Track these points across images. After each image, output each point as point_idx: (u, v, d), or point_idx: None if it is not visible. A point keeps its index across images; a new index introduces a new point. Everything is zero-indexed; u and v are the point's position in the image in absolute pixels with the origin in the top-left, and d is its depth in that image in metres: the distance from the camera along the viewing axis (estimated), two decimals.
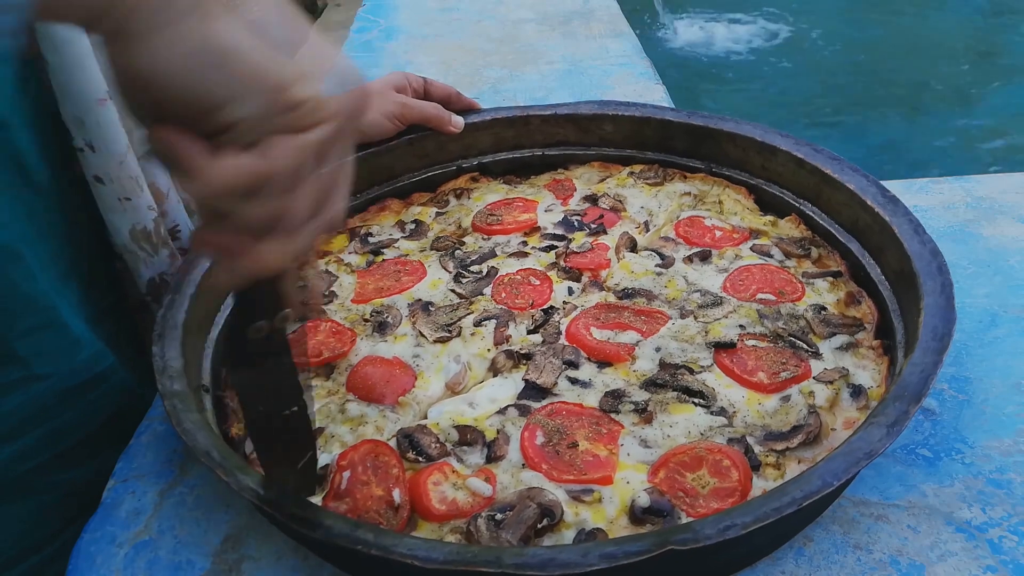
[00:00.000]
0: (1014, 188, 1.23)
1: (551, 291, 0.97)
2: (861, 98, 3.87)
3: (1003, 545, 0.71)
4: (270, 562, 0.72)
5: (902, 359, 0.79)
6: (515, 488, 0.73)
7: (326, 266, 1.02)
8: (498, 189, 1.17)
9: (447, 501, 0.72)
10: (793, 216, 1.05)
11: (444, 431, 0.79)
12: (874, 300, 0.91)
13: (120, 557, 0.72)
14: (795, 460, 0.75)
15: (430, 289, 0.98)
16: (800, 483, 0.63)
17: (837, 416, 0.79)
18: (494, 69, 1.80)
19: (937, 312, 0.77)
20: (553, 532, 0.69)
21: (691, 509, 0.70)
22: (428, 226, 1.10)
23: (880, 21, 4.55)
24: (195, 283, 0.88)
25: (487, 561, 0.58)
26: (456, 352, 0.88)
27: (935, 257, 0.84)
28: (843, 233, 0.99)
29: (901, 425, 0.66)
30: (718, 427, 0.78)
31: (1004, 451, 0.80)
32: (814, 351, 0.86)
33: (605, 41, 1.94)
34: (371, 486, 0.73)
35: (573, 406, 0.81)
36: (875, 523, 0.73)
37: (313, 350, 0.89)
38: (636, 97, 1.63)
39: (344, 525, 0.62)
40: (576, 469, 0.75)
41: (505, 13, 2.15)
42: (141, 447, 0.84)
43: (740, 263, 0.99)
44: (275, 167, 0.49)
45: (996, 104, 3.79)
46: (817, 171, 1.00)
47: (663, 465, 0.75)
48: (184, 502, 0.77)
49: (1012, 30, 4.46)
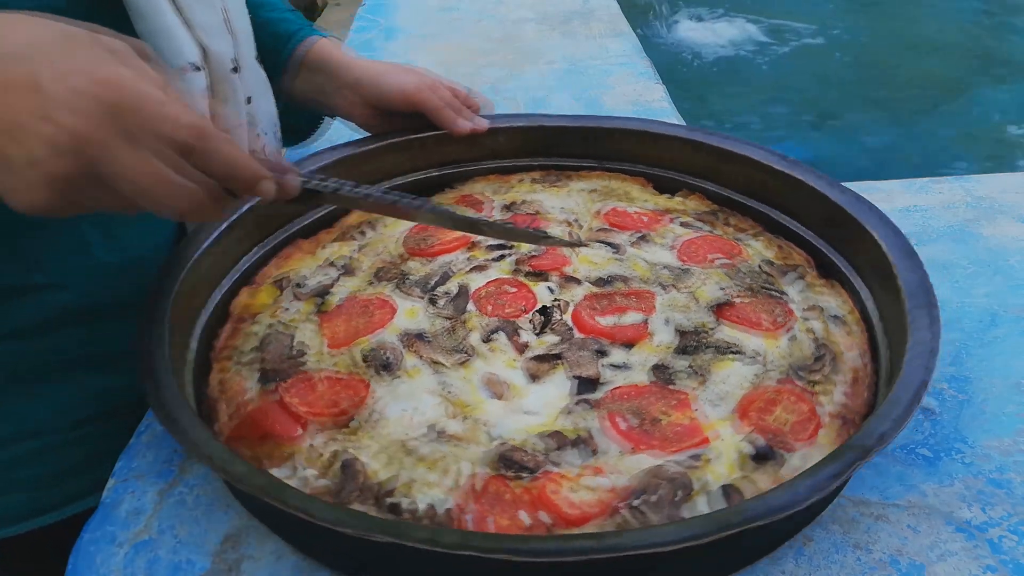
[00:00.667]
0: (1014, 188, 1.23)
1: (533, 294, 0.96)
2: (861, 98, 3.88)
3: (1003, 545, 0.71)
4: (270, 562, 0.72)
5: (863, 286, 0.95)
6: (628, 475, 0.73)
7: (269, 325, 0.92)
8: None
9: (575, 504, 0.70)
10: (697, 194, 1.15)
11: (527, 443, 0.77)
12: (802, 247, 1.04)
13: (120, 557, 0.72)
14: (832, 384, 0.82)
15: (410, 319, 0.93)
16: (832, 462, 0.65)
17: (838, 342, 0.88)
18: (494, 69, 1.80)
19: (880, 226, 0.93)
20: (687, 502, 0.70)
21: (785, 445, 0.75)
22: (356, 260, 1.03)
23: (880, 21, 4.56)
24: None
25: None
26: (482, 371, 0.85)
27: (844, 192, 0.99)
28: (748, 199, 1.11)
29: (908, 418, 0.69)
30: (761, 372, 0.84)
31: (1004, 451, 0.80)
32: (786, 295, 0.95)
33: (605, 41, 1.94)
34: (496, 518, 0.69)
35: (629, 388, 0.82)
36: (875, 523, 0.73)
37: (327, 403, 0.81)
38: (636, 97, 1.64)
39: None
40: (673, 440, 0.76)
41: (505, 13, 2.15)
42: (141, 447, 0.84)
43: (681, 238, 1.06)
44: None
45: (996, 104, 3.79)
46: (714, 150, 1.12)
47: (743, 415, 0.79)
48: (184, 502, 0.77)
49: (1012, 30, 4.46)
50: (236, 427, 0.78)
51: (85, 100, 0.51)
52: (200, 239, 0.92)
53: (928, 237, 1.12)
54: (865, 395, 0.82)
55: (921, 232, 1.13)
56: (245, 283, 0.99)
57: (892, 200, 1.17)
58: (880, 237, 0.91)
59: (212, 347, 0.89)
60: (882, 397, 0.78)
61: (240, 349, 0.88)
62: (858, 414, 0.80)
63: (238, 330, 0.91)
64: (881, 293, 0.91)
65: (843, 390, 0.82)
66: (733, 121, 3.66)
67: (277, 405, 0.80)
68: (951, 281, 1.03)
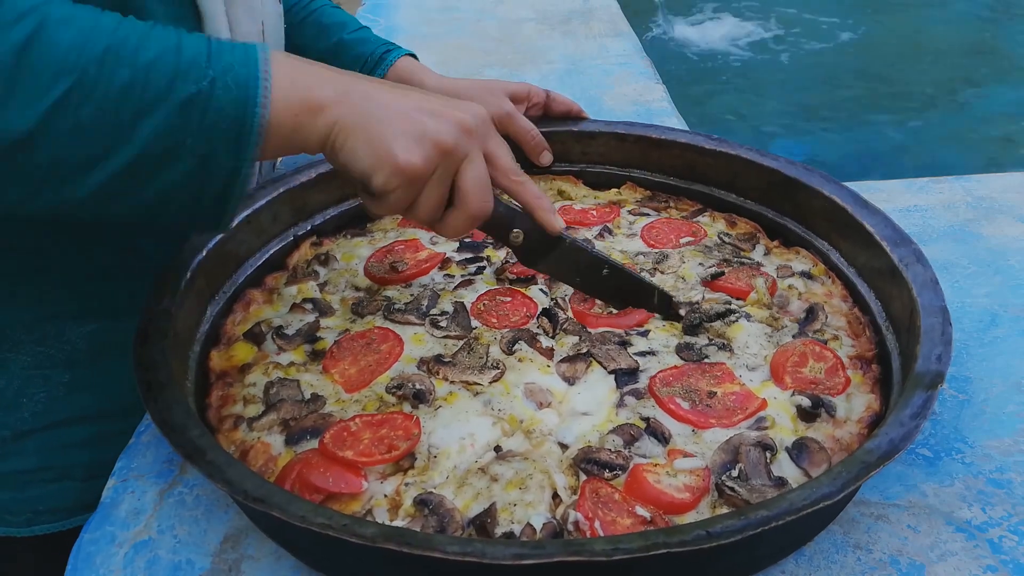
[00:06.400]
0: (1014, 188, 1.23)
1: (530, 298, 0.96)
2: (861, 98, 3.88)
3: (1003, 545, 0.71)
4: (270, 562, 0.72)
5: (819, 239, 1.03)
6: (710, 451, 0.75)
7: (267, 378, 0.86)
8: (359, 244, 1.09)
9: (681, 488, 0.71)
10: (628, 183, 1.20)
11: (604, 442, 0.77)
12: (746, 216, 1.11)
13: (120, 557, 0.72)
14: (835, 331, 0.90)
15: (419, 345, 0.89)
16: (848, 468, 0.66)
17: (817, 292, 0.96)
18: (494, 69, 1.80)
19: (825, 183, 1.01)
20: (774, 461, 0.74)
21: (829, 390, 0.82)
22: (326, 299, 0.99)
23: (880, 21, 4.55)
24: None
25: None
26: (520, 383, 0.84)
27: (777, 160, 1.07)
28: (681, 180, 1.17)
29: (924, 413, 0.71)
30: (775, 331, 0.90)
31: (1004, 451, 0.80)
32: (757, 263, 1.02)
33: (605, 41, 1.94)
34: (616, 521, 0.69)
35: (670, 370, 0.84)
36: (875, 523, 0.73)
37: (381, 449, 0.75)
38: (636, 96, 1.64)
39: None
40: (734, 409, 0.79)
41: (505, 13, 2.15)
42: (141, 447, 0.84)
43: (638, 225, 1.11)
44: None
45: (996, 103, 3.79)
46: (642, 139, 1.17)
47: (782, 373, 0.83)
48: (184, 502, 0.77)
49: (1012, 30, 4.46)
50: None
51: (477, 116, 0.75)
52: (164, 302, 0.85)
53: (928, 237, 1.12)
54: (865, 335, 0.89)
55: (921, 232, 1.13)
56: (211, 345, 0.91)
57: (892, 200, 1.17)
58: (829, 192, 0.99)
59: (203, 416, 0.82)
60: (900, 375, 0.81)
61: (242, 415, 0.82)
62: (869, 355, 0.86)
63: (229, 396, 0.84)
64: (843, 242, 0.98)
65: (846, 335, 0.89)
66: (733, 120, 3.66)
67: (325, 461, 0.74)
68: (951, 281, 1.03)
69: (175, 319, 0.83)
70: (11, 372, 0.91)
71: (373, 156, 0.70)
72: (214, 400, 0.84)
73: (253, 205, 1.01)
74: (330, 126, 0.69)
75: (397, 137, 0.70)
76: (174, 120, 0.62)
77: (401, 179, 0.71)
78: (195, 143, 0.64)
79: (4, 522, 0.95)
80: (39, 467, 0.94)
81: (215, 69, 0.63)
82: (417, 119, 0.71)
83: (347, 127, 0.69)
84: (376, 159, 0.70)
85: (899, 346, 0.84)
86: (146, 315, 0.82)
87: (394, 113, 0.71)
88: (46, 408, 0.93)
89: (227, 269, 0.98)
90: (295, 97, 0.68)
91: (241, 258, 1.01)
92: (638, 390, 0.82)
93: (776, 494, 0.68)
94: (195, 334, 0.90)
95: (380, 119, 0.70)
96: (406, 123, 0.70)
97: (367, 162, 0.70)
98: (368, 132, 0.70)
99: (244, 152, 0.65)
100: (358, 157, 0.70)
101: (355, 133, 0.70)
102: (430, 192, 0.74)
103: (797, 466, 0.73)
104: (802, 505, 0.60)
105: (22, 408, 0.92)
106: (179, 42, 0.64)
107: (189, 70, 0.63)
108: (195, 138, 0.63)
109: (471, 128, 0.74)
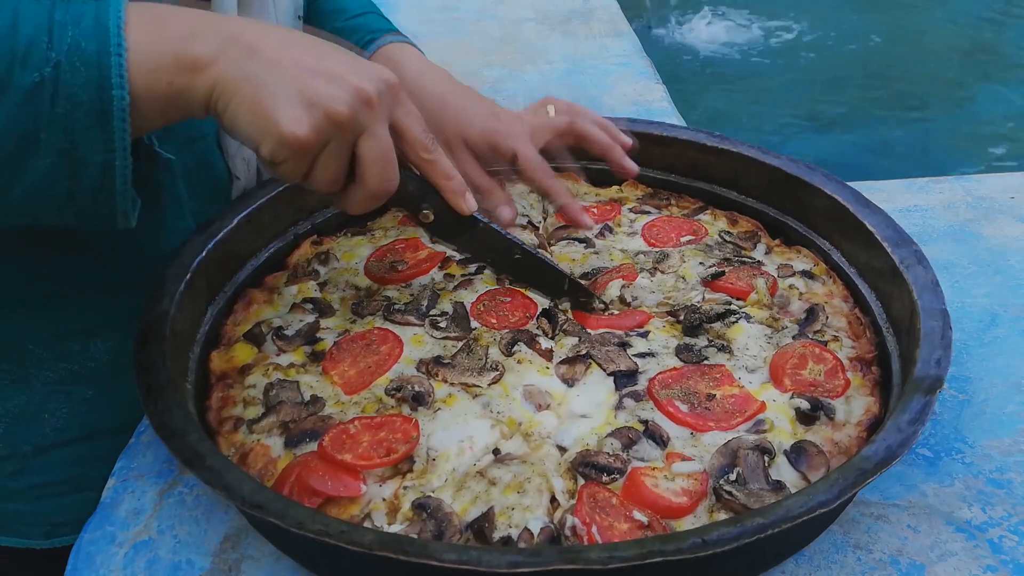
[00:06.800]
0: (1014, 188, 1.23)
1: (529, 298, 0.96)
2: (861, 98, 3.88)
3: (1003, 545, 0.71)
4: (270, 562, 0.72)
5: (821, 239, 1.03)
6: (708, 454, 0.75)
7: (267, 379, 0.85)
8: (360, 242, 1.08)
9: (679, 493, 0.71)
10: (630, 180, 1.18)
11: (602, 445, 0.77)
12: (747, 214, 1.10)
13: (120, 557, 0.72)
14: (835, 332, 0.90)
15: (419, 347, 0.89)
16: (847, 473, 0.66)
17: (818, 292, 0.96)
18: (494, 69, 1.80)
19: (827, 183, 1.01)
20: (771, 466, 0.74)
21: (828, 393, 0.81)
22: (326, 299, 0.98)
23: (880, 21, 4.55)
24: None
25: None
26: (519, 385, 0.84)
27: (779, 157, 1.07)
28: (683, 177, 1.17)
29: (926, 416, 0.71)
30: (775, 332, 0.90)
31: (1004, 451, 0.80)
32: (758, 262, 1.02)
33: (605, 41, 1.94)
34: (613, 525, 0.69)
35: (670, 372, 0.84)
36: (875, 523, 0.73)
37: (380, 452, 0.74)
38: (636, 96, 1.64)
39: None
40: (733, 412, 0.79)
41: (505, 13, 2.15)
42: (141, 447, 0.84)
43: (639, 223, 1.10)
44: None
45: (996, 103, 3.79)
46: (644, 136, 1.13)
47: (781, 376, 0.82)
48: (184, 502, 0.77)
49: (1012, 30, 4.45)
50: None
51: (382, 82, 0.67)
52: (164, 304, 0.84)
53: (928, 237, 1.12)
54: (866, 336, 0.88)
55: (921, 232, 1.12)
56: (212, 346, 0.91)
57: (892, 200, 1.17)
58: (830, 191, 0.98)
59: (203, 417, 0.82)
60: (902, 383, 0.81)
61: (242, 417, 0.81)
62: (869, 357, 0.85)
63: (229, 397, 0.84)
64: (844, 242, 0.98)
65: (847, 336, 0.89)
66: (733, 120, 3.66)
67: (323, 464, 0.74)
68: (951, 281, 1.03)
69: (175, 320, 0.83)
70: (33, 388, 0.89)
71: (256, 124, 0.62)
72: (214, 402, 0.83)
73: (253, 203, 1.00)
74: (209, 88, 0.61)
75: (283, 103, 0.61)
76: (17, 112, 0.55)
77: (288, 151, 0.63)
78: (50, 136, 0.56)
79: (23, 534, 0.94)
80: (58, 480, 0.92)
81: (57, 50, 0.55)
82: (309, 83, 0.62)
83: (228, 90, 0.61)
84: (259, 127, 0.62)
85: (899, 348, 0.84)
86: (146, 317, 0.82)
87: (282, 74, 0.62)
88: (67, 423, 0.91)
89: (227, 268, 0.98)
90: (167, 56, 0.59)
91: (241, 257, 1.00)
92: (637, 392, 0.82)
93: (774, 499, 0.67)
94: (195, 335, 0.89)
95: (265, 81, 0.61)
96: (295, 86, 0.62)
97: (250, 130, 0.63)
98: (251, 96, 0.61)
99: (111, 141, 0.58)
100: (241, 124, 0.62)
101: (237, 96, 0.61)
102: (324, 165, 0.66)
103: (795, 470, 0.73)
104: (798, 512, 0.60)
105: (44, 423, 0.90)
106: (14, 18, 0.55)
107: (28, 54, 0.55)
108: (48, 131, 0.56)
109: (370, 97, 0.65)
